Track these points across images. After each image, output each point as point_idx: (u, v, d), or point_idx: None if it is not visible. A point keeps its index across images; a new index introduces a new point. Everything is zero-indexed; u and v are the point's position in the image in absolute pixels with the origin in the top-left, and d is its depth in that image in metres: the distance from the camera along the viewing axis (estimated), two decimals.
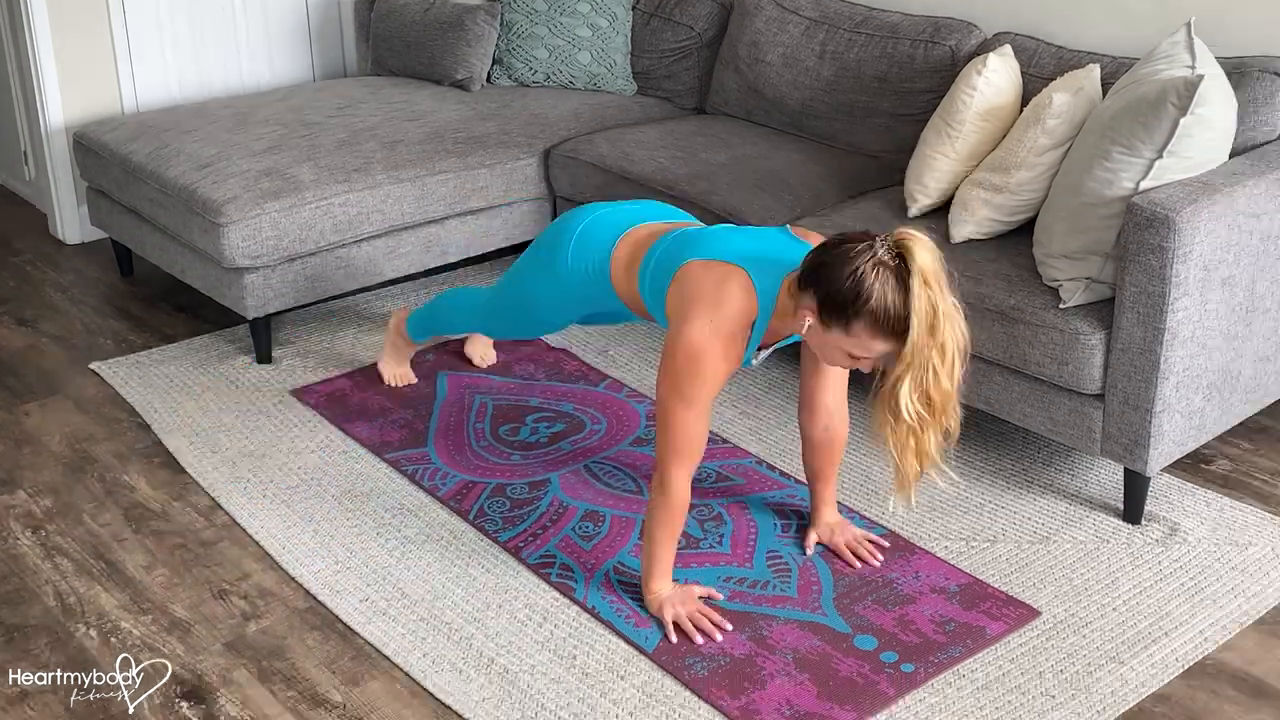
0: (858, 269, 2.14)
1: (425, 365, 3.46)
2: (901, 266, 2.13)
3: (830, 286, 2.17)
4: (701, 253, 2.40)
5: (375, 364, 3.46)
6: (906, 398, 2.16)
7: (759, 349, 2.47)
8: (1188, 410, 2.70)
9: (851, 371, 2.61)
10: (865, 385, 2.35)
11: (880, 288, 2.12)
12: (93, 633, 2.49)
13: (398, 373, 3.38)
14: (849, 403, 2.66)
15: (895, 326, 2.14)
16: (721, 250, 2.38)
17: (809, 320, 2.24)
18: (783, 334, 2.41)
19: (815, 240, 2.44)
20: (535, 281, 2.78)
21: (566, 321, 2.92)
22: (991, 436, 3.13)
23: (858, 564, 2.64)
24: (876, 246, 2.15)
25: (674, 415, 2.36)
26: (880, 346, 2.19)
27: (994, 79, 3.07)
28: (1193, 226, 2.53)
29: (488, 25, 4.30)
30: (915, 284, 2.11)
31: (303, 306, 3.79)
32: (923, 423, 2.19)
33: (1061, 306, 2.74)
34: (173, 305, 3.92)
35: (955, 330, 2.15)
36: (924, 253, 2.12)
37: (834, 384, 2.59)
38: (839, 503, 2.81)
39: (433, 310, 3.23)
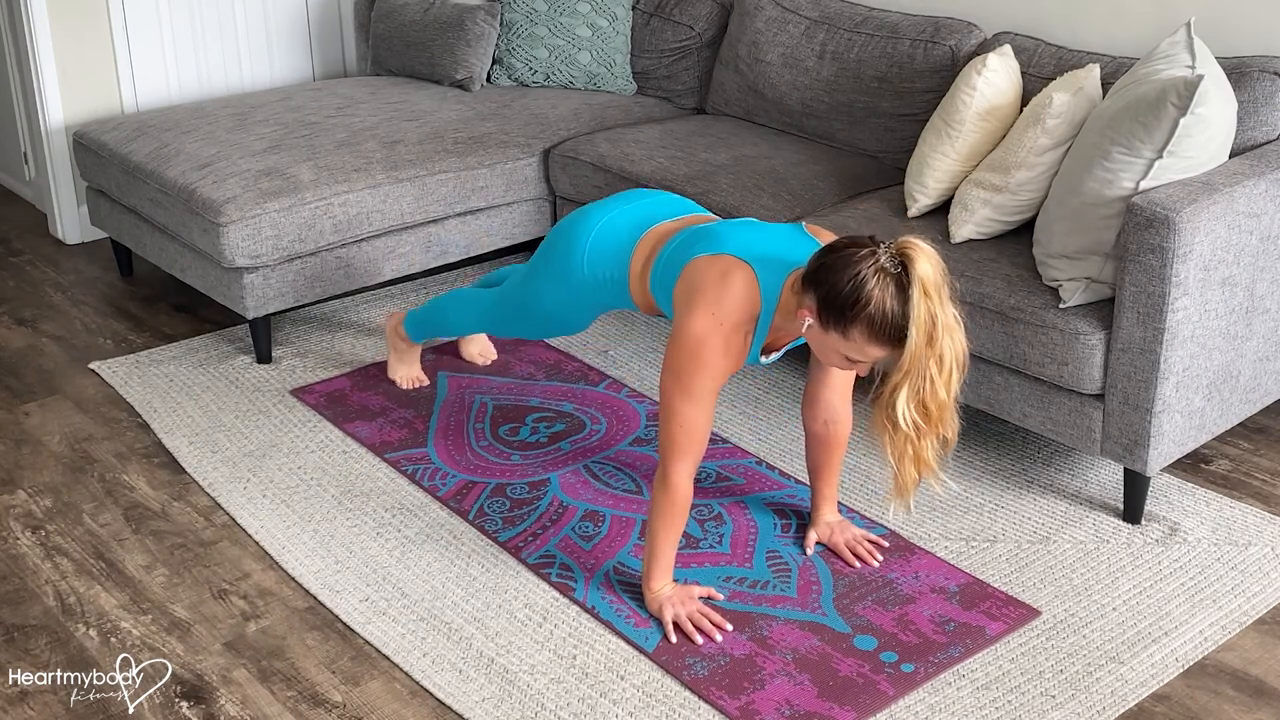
0: (859, 274, 2.15)
1: (426, 365, 3.45)
2: (903, 274, 2.13)
3: (831, 289, 2.18)
4: (708, 248, 2.41)
5: (375, 364, 3.47)
6: (904, 406, 2.17)
7: (765, 351, 2.48)
8: (1188, 410, 2.70)
9: (860, 380, 2.63)
10: (869, 386, 2.35)
11: (880, 294, 2.13)
12: (93, 633, 2.49)
13: (410, 375, 3.37)
14: (852, 404, 2.66)
15: (892, 334, 2.15)
16: (728, 245, 2.39)
17: (808, 320, 2.25)
18: (787, 333, 2.42)
19: (828, 239, 2.45)
20: (546, 288, 2.79)
21: (579, 326, 2.92)
22: (991, 436, 3.13)
23: (857, 564, 2.64)
24: (879, 253, 2.16)
25: (675, 409, 2.36)
26: (876, 352, 2.20)
27: (994, 79, 3.06)
28: (1193, 226, 2.53)
29: (488, 25, 4.30)
30: (915, 294, 2.11)
31: (303, 306, 3.79)
32: (920, 431, 2.21)
33: (1061, 306, 2.74)
34: (173, 305, 3.92)
35: (954, 342, 2.16)
36: (925, 263, 2.13)
37: (839, 382, 2.59)
38: (839, 503, 2.81)
39: (432, 311, 3.23)
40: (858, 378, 2.63)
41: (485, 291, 3.14)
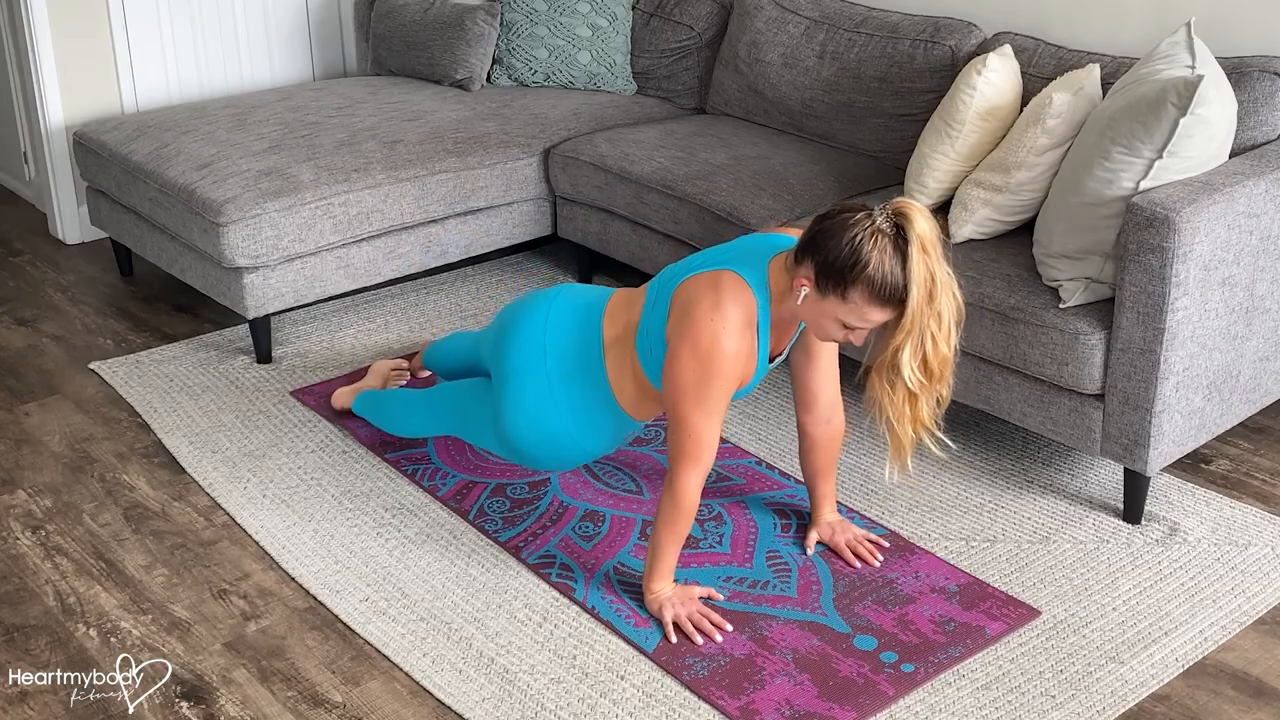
0: (856, 236, 2.18)
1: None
2: (899, 235, 2.18)
3: (829, 253, 2.21)
4: (681, 277, 2.42)
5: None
6: (907, 364, 2.21)
7: (770, 357, 2.48)
8: (1188, 410, 2.70)
9: (841, 370, 2.63)
10: (860, 381, 2.35)
11: (878, 255, 2.17)
12: (93, 633, 2.49)
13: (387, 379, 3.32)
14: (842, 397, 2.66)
15: (892, 294, 2.19)
16: (698, 265, 2.41)
17: (805, 290, 2.27)
18: (786, 327, 2.42)
19: (788, 232, 2.47)
20: (522, 406, 2.64)
21: (566, 457, 2.73)
22: (991, 436, 3.13)
23: (857, 564, 2.64)
24: (875, 215, 2.20)
25: (684, 418, 2.35)
26: (876, 315, 2.23)
27: (994, 79, 3.06)
28: (1193, 226, 2.53)
29: (488, 25, 4.30)
30: (914, 251, 2.16)
31: (303, 306, 3.79)
32: (922, 389, 2.25)
33: (1061, 306, 2.74)
34: (173, 305, 3.92)
35: (951, 297, 2.21)
36: (922, 221, 2.18)
37: (830, 378, 2.59)
38: (839, 503, 2.81)
39: (384, 408, 3.08)
40: (843, 372, 2.63)
41: (421, 393, 3.00)
